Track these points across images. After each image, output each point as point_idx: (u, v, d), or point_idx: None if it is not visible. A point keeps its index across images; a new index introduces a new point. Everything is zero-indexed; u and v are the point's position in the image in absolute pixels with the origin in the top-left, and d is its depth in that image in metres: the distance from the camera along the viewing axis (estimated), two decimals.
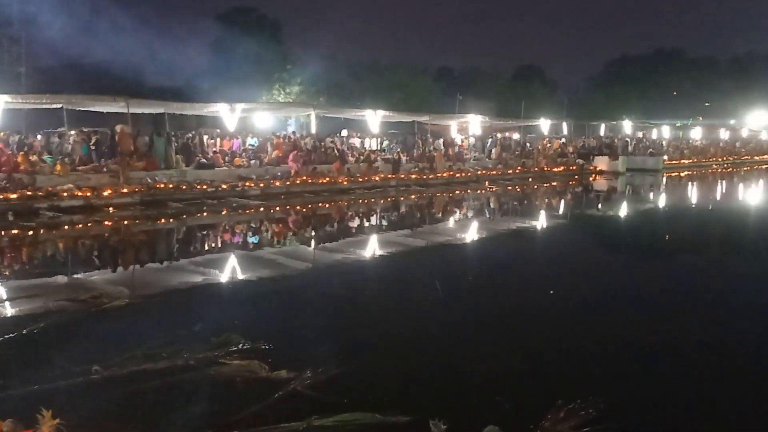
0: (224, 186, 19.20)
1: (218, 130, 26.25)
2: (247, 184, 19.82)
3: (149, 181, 17.98)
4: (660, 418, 4.80)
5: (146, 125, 24.74)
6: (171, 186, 18.18)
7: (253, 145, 24.83)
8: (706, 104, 65.79)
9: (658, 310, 7.91)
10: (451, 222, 16.63)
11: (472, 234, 14.38)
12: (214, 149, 23.22)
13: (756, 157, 52.89)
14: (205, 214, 16.75)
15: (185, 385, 5.09)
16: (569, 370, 5.71)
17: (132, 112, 20.07)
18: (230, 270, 9.91)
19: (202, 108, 24.53)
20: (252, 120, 27.66)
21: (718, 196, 26.19)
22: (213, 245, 12.90)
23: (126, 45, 32.83)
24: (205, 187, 18.77)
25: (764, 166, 47.70)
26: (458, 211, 19.23)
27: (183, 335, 6.18)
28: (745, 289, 9.23)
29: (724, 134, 55.73)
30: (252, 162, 22.52)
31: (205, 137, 24.44)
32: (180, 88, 32.31)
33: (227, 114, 22.54)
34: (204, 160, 21.17)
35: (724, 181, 33.91)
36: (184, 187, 18.37)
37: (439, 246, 12.61)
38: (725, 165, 46.30)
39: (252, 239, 13.69)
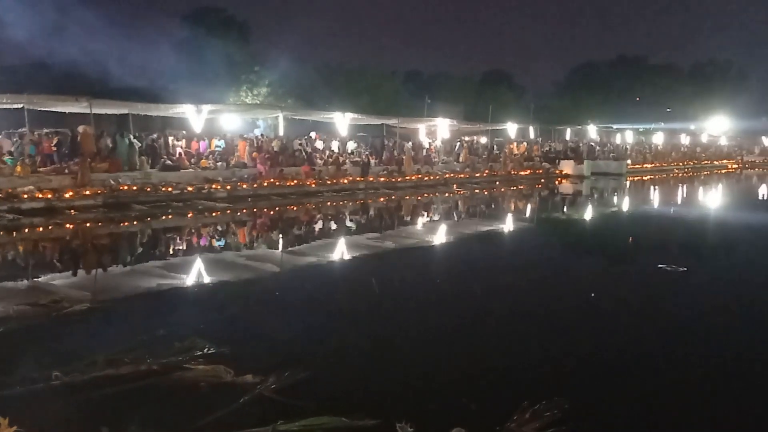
0: (190, 188, 18.97)
1: (184, 132, 25.91)
2: (214, 186, 19.61)
3: (112, 182, 17.67)
4: (622, 418, 4.89)
5: (110, 126, 24.31)
6: (135, 188, 17.90)
7: (220, 147, 24.55)
8: (668, 110, 67.22)
9: (620, 312, 8.04)
10: (419, 225, 16.70)
11: (440, 237, 14.46)
12: (180, 151, 22.89)
13: (715, 162, 54.29)
14: (170, 216, 16.51)
15: (148, 390, 5.01)
16: (534, 372, 5.77)
17: (95, 112, 19.71)
18: (196, 273, 9.79)
19: (168, 109, 24.20)
20: (219, 121, 27.39)
21: (679, 200, 26.78)
22: (178, 248, 12.72)
23: (91, 44, 32.22)
24: (170, 189, 18.52)
25: (723, 171, 48.98)
26: (427, 214, 19.31)
27: (146, 340, 6.08)
28: (705, 291, 9.46)
29: (685, 139, 57.10)
30: (219, 164, 22.29)
31: (171, 138, 24.09)
32: (145, 88, 31.79)
33: (193, 115, 22.29)
34: (169, 162, 20.87)
35: (685, 186, 34.69)
36: (148, 189, 18.11)
37: (407, 249, 12.64)
38: (686, 169, 47.41)
39: (218, 242, 13.55)
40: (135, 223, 15.71)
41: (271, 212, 18.50)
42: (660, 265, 10.56)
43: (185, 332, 6.23)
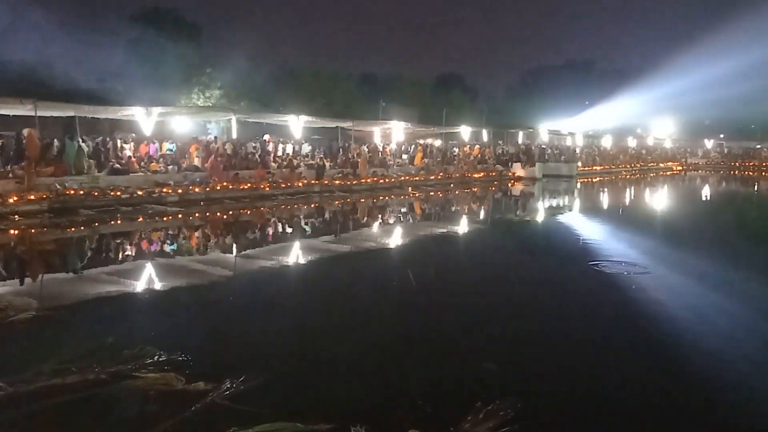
0: (140, 192, 18.58)
1: (134, 134, 25.35)
2: (165, 190, 19.25)
3: (58, 187, 17.17)
4: (576, 416, 4.99)
5: (56, 129, 23.59)
6: (82, 192, 17.45)
7: (171, 150, 24.11)
8: (615, 113, 69.06)
9: (571, 310, 8.22)
10: (375, 228, 16.72)
11: (396, 239, 14.50)
12: (129, 154, 22.38)
13: (661, 164, 56.05)
14: (118, 221, 16.13)
15: (96, 400, 4.88)
16: (488, 372, 5.84)
17: (41, 114, 19.11)
18: (146, 279, 9.58)
19: (117, 111, 23.64)
20: (170, 124, 26.90)
21: (627, 202, 27.54)
22: (127, 254, 12.42)
23: (37, 45, 31.19)
24: (119, 193, 18.12)
25: (668, 173, 50.59)
26: (382, 217, 19.35)
27: (94, 348, 5.91)
28: (650, 287, 9.73)
29: (632, 142, 58.78)
30: (170, 167, 21.88)
31: (120, 141, 23.54)
32: (93, 90, 30.95)
33: (143, 117, 21.84)
34: (118, 166, 20.38)
35: (632, 187, 35.67)
36: (96, 194, 17.68)
37: (363, 252, 12.66)
38: (633, 171, 48.79)
39: (169, 247, 13.29)
40: (82, 228, 15.29)
41: (225, 216, 18.25)
42: (592, 262, 10.84)
43: (135, 340, 6.08)
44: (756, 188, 38.10)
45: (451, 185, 30.15)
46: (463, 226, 17.11)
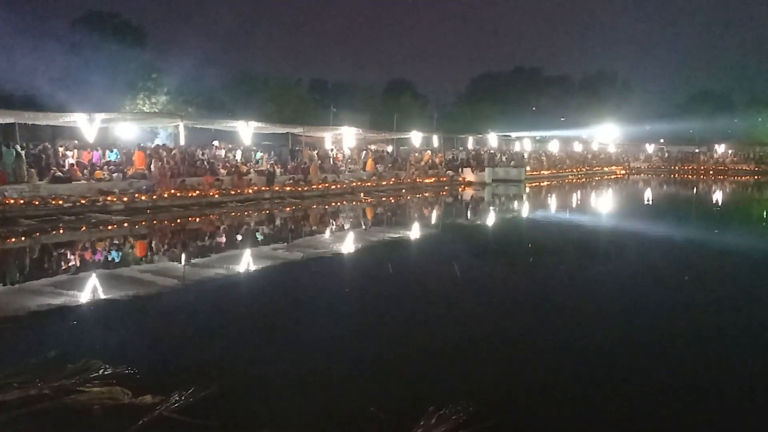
0: (83, 201, 18.04)
1: (76, 142, 24.59)
2: (109, 198, 18.73)
3: None
4: (526, 417, 5.07)
5: None
6: (22, 201, 16.85)
7: (114, 159, 23.43)
8: (562, 119, 70.84)
9: (521, 312, 8.36)
10: (327, 234, 16.64)
11: (347, 245, 14.46)
12: (72, 162, 21.69)
13: (605, 168, 57.64)
14: (61, 231, 15.61)
15: (39, 416, 4.71)
16: (441, 376, 5.88)
17: None
18: (90, 290, 9.30)
19: (58, 117, 22.89)
20: (115, 131, 26.21)
21: (574, 205, 28.21)
22: (70, 264, 12.03)
23: None
24: (61, 202, 17.55)
25: (612, 177, 52.05)
26: (334, 223, 19.28)
27: (36, 362, 5.71)
28: (598, 289, 10.00)
29: (578, 147, 60.28)
30: (114, 175, 21.30)
31: (62, 149, 22.80)
32: (33, 96, 29.97)
33: (86, 124, 21.19)
34: (60, 174, 19.74)
35: (578, 191, 36.54)
36: (37, 203, 17.10)
37: (314, 258, 12.57)
38: (579, 175, 49.99)
39: (114, 257, 12.92)
40: (23, 238, 14.75)
41: (172, 224, 17.88)
42: (556, 266, 11.08)
43: (79, 353, 5.89)
44: (695, 191, 39.56)
45: (403, 190, 30.30)
46: (414, 232, 17.20)
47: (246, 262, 12.01)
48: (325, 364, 6.18)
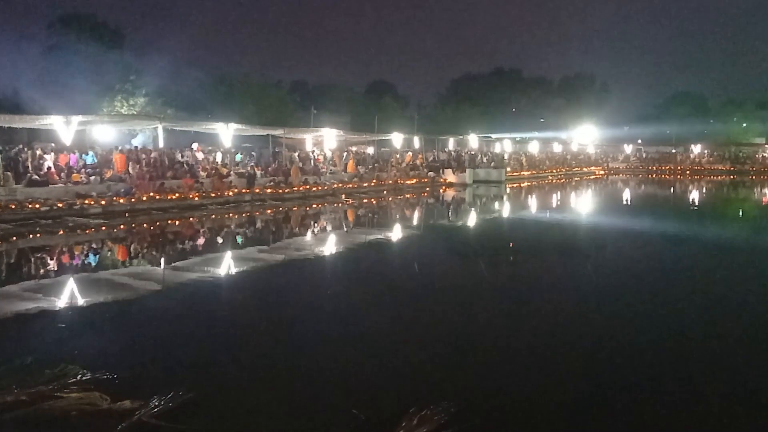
0: (60, 204, 17.81)
1: (53, 144, 24.27)
2: (87, 201, 18.51)
3: None
4: (507, 418, 5.09)
5: None
6: None
7: (91, 162, 23.13)
8: (541, 120, 71.39)
9: (502, 311, 8.41)
10: (308, 236, 16.60)
11: (329, 247, 14.43)
12: (49, 165, 21.40)
13: (584, 169, 58.15)
14: (38, 235, 15.39)
15: (16, 423, 4.64)
16: (420, 378, 5.89)
17: None
18: (68, 295, 9.18)
19: (34, 120, 22.59)
20: (93, 133, 25.91)
21: (554, 205, 28.43)
22: (48, 269, 11.85)
23: None
24: (37, 206, 17.32)
25: (592, 177, 52.54)
26: (315, 225, 19.22)
27: (14, 368, 5.62)
28: (576, 287, 10.09)
29: (557, 148, 60.74)
30: (92, 178, 21.03)
31: (38, 152, 22.48)
32: (9, 98, 29.53)
33: (62, 127, 20.92)
34: (36, 177, 19.46)
35: (558, 191, 36.83)
36: (13, 207, 16.85)
37: (296, 261, 12.52)
38: (559, 176, 50.38)
39: (92, 261, 12.76)
40: None
41: (151, 227, 17.71)
42: (536, 265, 11.15)
43: (57, 358, 5.81)
44: (672, 191, 40.06)
45: (384, 192, 30.31)
46: (396, 233, 17.20)
47: (226, 266, 11.93)
48: (306, 366, 6.16)
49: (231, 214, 20.70)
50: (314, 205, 24.10)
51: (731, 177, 52.30)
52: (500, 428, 4.93)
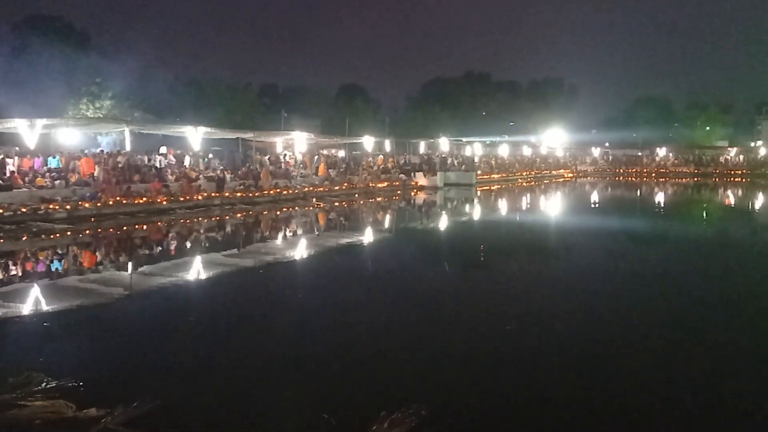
0: (24, 209, 17.44)
1: (17, 148, 23.74)
2: (52, 206, 18.14)
3: None
4: (474, 421, 5.13)
5: None
6: None
7: (56, 166, 22.68)
8: (511, 123, 72.18)
9: (471, 316, 8.47)
10: (278, 240, 16.50)
11: (300, 252, 14.38)
12: (12, 169, 20.92)
13: (554, 171, 58.89)
14: (0, 240, 15.03)
15: None
16: (392, 381, 5.91)
17: None
18: (31, 302, 8.99)
19: None
20: (57, 137, 25.41)
21: (523, 207, 28.73)
22: (10, 275, 11.57)
23: None
24: (0, 211, 16.89)
25: (561, 180, 53.23)
26: (286, 229, 19.12)
27: None
28: (546, 290, 10.23)
29: (526, 151, 61.43)
30: (57, 182, 20.62)
31: (1, 156, 21.97)
32: None
33: (26, 130, 20.50)
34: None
35: (528, 194, 37.22)
36: None
37: (265, 265, 12.44)
38: (529, 179, 50.92)
39: (57, 266, 12.51)
40: None
41: (117, 232, 17.44)
42: (507, 268, 11.25)
43: (20, 366, 5.70)
44: (638, 193, 40.80)
45: (356, 195, 30.30)
46: (367, 236, 17.21)
47: (194, 271, 11.80)
48: (275, 371, 6.13)
49: (200, 219, 20.48)
50: (285, 209, 23.98)
51: (695, 179, 53.48)
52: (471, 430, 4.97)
